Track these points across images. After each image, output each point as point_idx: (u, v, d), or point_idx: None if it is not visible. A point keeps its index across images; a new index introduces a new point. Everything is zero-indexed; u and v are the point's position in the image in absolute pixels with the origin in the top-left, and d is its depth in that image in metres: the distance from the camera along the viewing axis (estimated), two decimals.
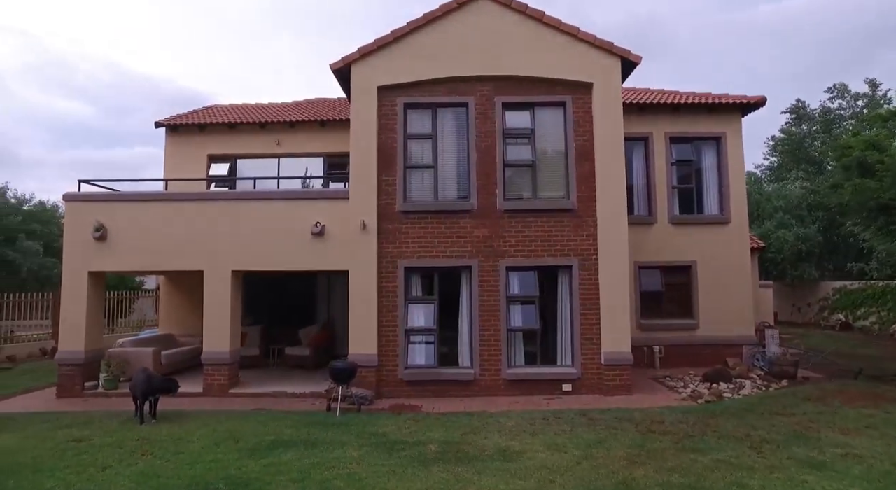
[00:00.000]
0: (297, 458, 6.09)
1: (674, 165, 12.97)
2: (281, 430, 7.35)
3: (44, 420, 8.23)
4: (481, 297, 10.04)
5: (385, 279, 10.06)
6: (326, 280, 14.34)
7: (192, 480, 5.41)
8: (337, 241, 10.10)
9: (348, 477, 5.47)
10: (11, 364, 14.28)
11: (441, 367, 10.00)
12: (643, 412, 8.15)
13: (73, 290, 10.30)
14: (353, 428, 7.53)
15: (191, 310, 13.84)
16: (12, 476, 5.70)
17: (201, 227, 10.24)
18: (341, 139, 14.12)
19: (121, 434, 7.29)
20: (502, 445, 6.57)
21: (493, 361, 9.95)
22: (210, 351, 10.09)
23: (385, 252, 10.09)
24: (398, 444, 6.63)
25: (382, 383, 9.84)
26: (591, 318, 9.96)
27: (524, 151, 10.37)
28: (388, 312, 10.01)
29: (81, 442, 6.93)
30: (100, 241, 10.30)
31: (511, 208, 10.15)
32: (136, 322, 18.87)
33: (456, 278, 10.28)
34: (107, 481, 5.44)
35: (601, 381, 9.81)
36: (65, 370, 10.20)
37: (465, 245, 10.12)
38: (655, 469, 5.52)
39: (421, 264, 10.11)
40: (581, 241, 10.10)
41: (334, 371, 8.71)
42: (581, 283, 10.02)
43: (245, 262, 10.22)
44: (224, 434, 7.19)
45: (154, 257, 10.32)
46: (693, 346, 12.44)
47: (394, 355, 9.95)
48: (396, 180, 10.22)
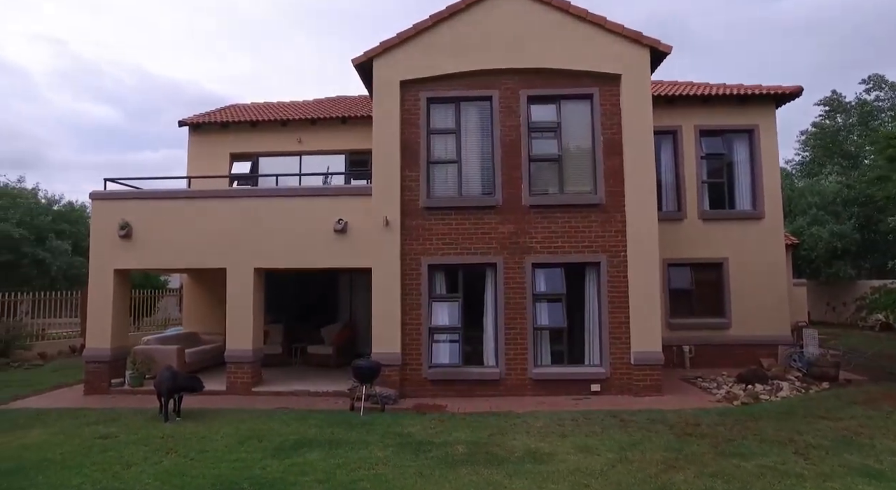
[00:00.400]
0: (322, 459, 5.96)
1: (704, 159, 12.57)
2: (305, 430, 7.24)
3: (72, 416, 8.27)
4: (507, 295, 9.82)
5: (408, 277, 9.90)
6: (348, 278, 14.25)
7: (217, 480, 5.31)
8: (360, 238, 9.97)
9: (374, 478, 5.32)
10: (43, 361, 14.50)
11: (466, 366, 9.81)
12: (677, 414, 7.85)
13: (99, 287, 10.36)
14: (378, 428, 7.38)
15: (214, 308, 13.87)
16: (41, 472, 5.68)
17: (224, 225, 10.21)
18: (363, 136, 14.05)
19: (146, 431, 7.26)
20: (531, 447, 6.35)
21: (519, 361, 9.72)
22: (233, 349, 10.06)
23: (408, 249, 9.93)
24: (424, 445, 6.46)
25: (406, 382, 9.69)
26: (620, 316, 9.67)
27: (550, 145, 10.12)
28: (411, 310, 9.85)
29: (107, 439, 6.91)
30: (125, 239, 10.34)
31: (537, 204, 9.91)
32: (161, 321, 19.07)
33: (480, 275, 10.08)
34: (132, 479, 5.38)
35: (631, 382, 9.52)
36: (92, 367, 10.27)
37: (489, 241, 9.91)
38: (696, 474, 5.25)
39: (445, 261, 9.93)
40: (609, 236, 9.81)
41: (358, 370, 8.58)
42: (609, 280, 9.73)
43: (267, 259, 10.16)
44: (248, 433, 7.11)
45: (177, 255, 10.33)
46: (725, 345, 12.04)
47: (417, 354, 9.79)
48: (420, 176, 10.06)
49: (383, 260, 9.82)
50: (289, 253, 10.09)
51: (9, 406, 9.27)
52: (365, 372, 8.56)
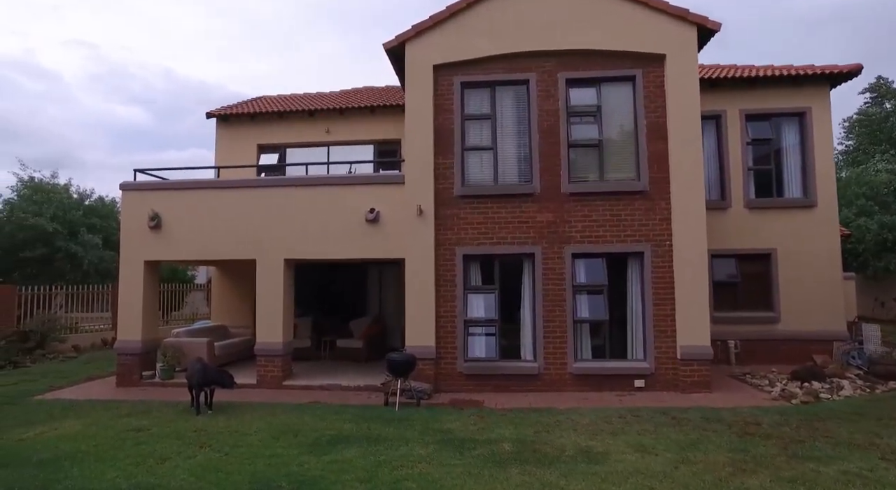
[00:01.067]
0: (361, 456, 5.65)
1: (750, 145, 11.94)
2: (340, 425, 6.96)
3: (105, 407, 8.15)
4: (545, 286, 9.41)
5: (443, 267, 9.56)
6: (377, 271, 13.98)
7: (253, 477, 5.05)
8: (392, 227, 9.66)
9: (420, 478, 4.99)
10: (76, 353, 14.62)
11: (502, 360, 9.44)
12: (732, 412, 7.37)
13: (129, 279, 10.26)
14: (416, 423, 7.06)
15: (243, 301, 13.77)
16: (76, 463, 5.51)
17: (253, 215, 10.00)
18: (391, 126, 13.80)
19: (178, 424, 7.06)
20: (582, 445, 5.96)
21: (558, 355, 9.31)
22: (263, 342, 9.85)
23: (442, 239, 9.59)
24: (468, 442, 6.11)
25: (440, 377, 9.36)
26: (665, 308, 9.19)
27: (590, 130, 9.65)
28: (446, 302, 9.51)
29: (140, 431, 6.73)
30: (155, 231, 10.21)
31: (576, 191, 9.47)
32: (189, 315, 19.12)
33: (518, 266, 9.69)
34: (167, 474, 5.15)
35: (677, 378, 9.03)
36: (123, 359, 10.18)
37: (527, 231, 9.51)
38: (771, 478, 4.79)
39: (480, 251, 9.56)
40: (653, 225, 9.32)
41: (393, 363, 8.27)
42: (654, 270, 9.25)
43: (297, 250, 9.91)
44: (282, 427, 6.85)
45: (207, 246, 10.16)
46: (772, 340, 11.44)
47: (452, 348, 9.45)
48: (454, 163, 9.69)
49: (417, 250, 9.49)
50: (319, 244, 9.83)
51: (45, 396, 9.22)
52: (400, 365, 8.25)
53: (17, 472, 5.30)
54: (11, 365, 12.73)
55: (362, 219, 9.68)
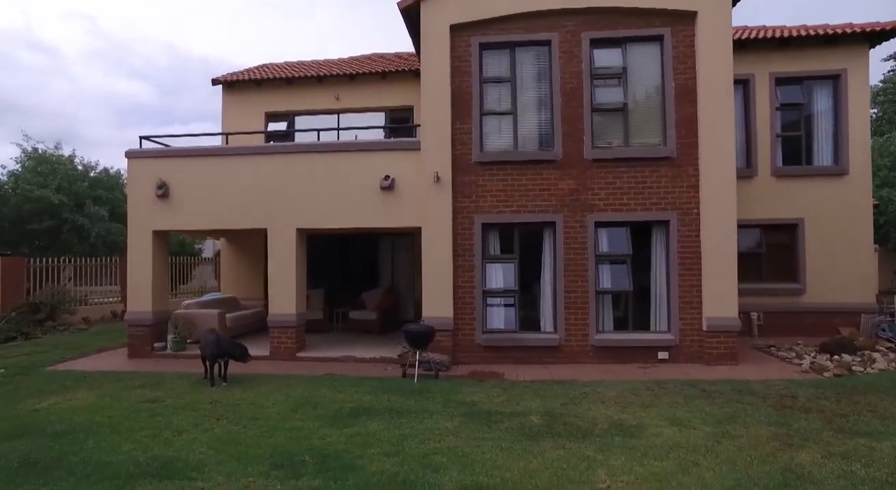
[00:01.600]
0: (385, 429, 5.43)
1: (779, 110, 11.43)
2: (359, 397, 6.75)
3: (117, 379, 7.98)
4: (566, 256, 9.10)
5: (460, 236, 9.24)
6: (389, 241, 13.69)
7: (274, 450, 4.83)
8: (408, 195, 9.32)
9: (449, 451, 4.76)
10: (87, 325, 14.53)
11: (522, 331, 9.19)
12: (764, 385, 7.11)
13: (138, 249, 10.01)
14: (437, 396, 6.85)
15: (252, 273, 13.55)
16: (91, 435, 5.33)
17: (264, 183, 9.67)
18: (404, 92, 13.33)
19: (192, 396, 6.87)
20: (614, 418, 5.72)
21: (579, 326, 9.05)
22: (276, 314, 9.63)
23: (460, 207, 9.25)
24: (494, 415, 5.88)
25: (458, 348, 9.14)
26: (691, 279, 8.88)
27: (615, 93, 9.20)
28: (463, 272, 9.23)
29: (155, 403, 6.54)
30: (162, 200, 9.91)
31: (600, 157, 9.07)
32: (197, 288, 18.99)
33: (538, 235, 9.36)
34: (184, 447, 4.95)
35: (702, 350, 8.78)
36: (134, 331, 10.01)
37: (548, 198, 9.15)
38: (822, 454, 4.53)
39: (499, 220, 9.23)
40: (680, 192, 8.95)
41: (411, 335, 8.04)
42: (680, 240, 8.91)
43: (310, 219, 9.60)
44: (299, 399, 6.65)
45: (216, 215, 9.86)
46: (797, 313, 11.14)
47: (470, 319, 9.20)
48: (472, 128, 9.29)
49: (433, 219, 9.17)
50: (332, 212, 9.51)
51: (57, 367, 9.09)
52: (418, 337, 8.02)
53: (32, 443, 5.12)
54: (23, 336, 12.65)
55: (377, 186, 9.34)
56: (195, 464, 4.52)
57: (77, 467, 4.48)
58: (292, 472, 4.32)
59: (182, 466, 4.45)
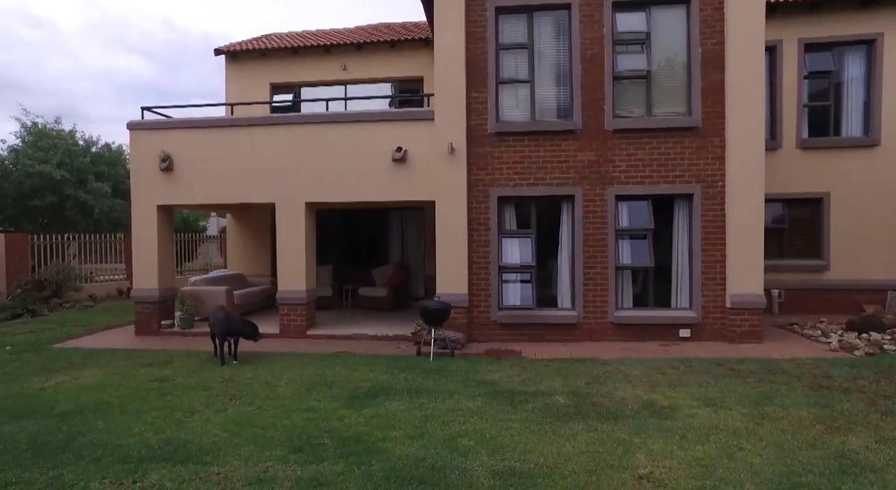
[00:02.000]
0: (405, 409, 5.20)
1: (807, 79, 10.94)
2: (375, 376, 6.52)
3: (125, 357, 7.78)
4: (586, 230, 8.78)
5: (475, 211, 8.92)
6: (399, 216, 13.37)
7: (291, 432, 4.61)
8: (421, 168, 8.98)
9: (475, 434, 4.52)
10: (93, 302, 14.38)
11: (539, 308, 8.93)
12: (794, 364, 6.85)
13: (143, 225, 9.73)
14: (455, 374, 6.62)
15: (259, 249, 13.30)
16: (100, 415, 5.12)
17: (271, 156, 9.33)
18: (413, 62, 12.87)
19: (203, 375, 6.66)
20: (644, 398, 5.48)
21: (598, 303, 8.78)
22: (286, 291, 9.38)
23: (475, 180, 8.91)
24: (517, 395, 5.65)
25: (473, 326, 8.90)
26: (715, 254, 8.56)
27: (638, 60, 8.75)
28: (479, 248, 8.94)
29: (164, 382, 6.33)
30: (167, 173, 9.60)
31: (621, 127, 8.68)
32: (202, 266, 18.79)
33: (556, 209, 9.03)
34: (198, 428, 4.73)
35: (725, 327, 8.51)
36: (141, 308, 9.79)
37: (567, 171, 8.79)
38: (875, 439, 4.26)
39: (516, 193, 8.88)
40: (705, 164, 8.57)
41: (427, 312, 7.78)
42: (704, 213, 8.57)
43: (319, 193, 9.28)
44: (313, 378, 6.43)
45: (223, 189, 9.54)
46: (820, 290, 10.84)
47: (486, 295, 8.94)
48: (487, 98, 8.88)
49: (448, 192, 8.84)
50: (343, 186, 9.18)
51: (64, 345, 8.91)
52: (434, 314, 7.76)
53: (40, 424, 4.92)
54: (29, 313, 12.49)
55: (389, 159, 8.99)
56: (209, 447, 4.29)
57: (86, 450, 4.27)
58: (312, 455, 4.09)
59: (196, 449, 4.22)
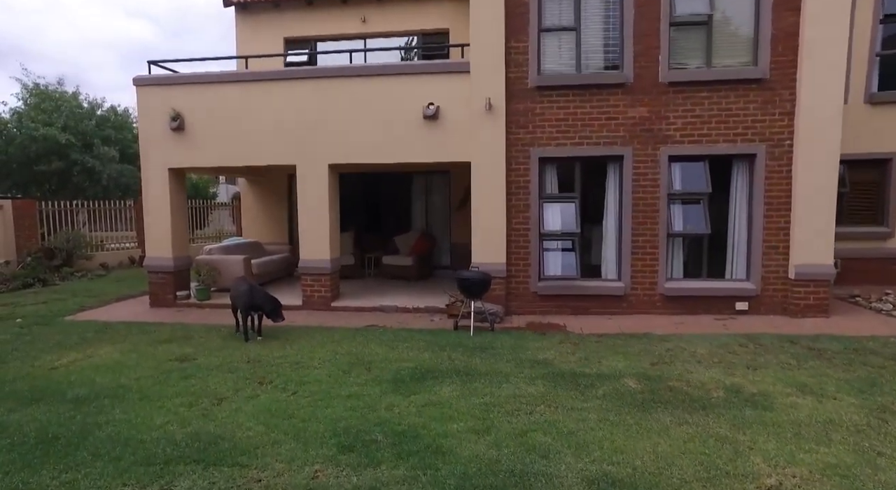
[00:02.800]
0: (460, 396, 4.60)
1: (882, 23, 9.87)
2: (416, 355, 5.93)
3: (141, 331, 7.24)
4: (635, 194, 8.02)
5: (515, 173, 8.17)
6: (423, 180, 12.61)
7: (336, 425, 4.02)
8: (455, 125, 8.19)
9: (549, 427, 3.91)
10: (105, 271, 13.93)
11: (583, 279, 8.27)
12: (880, 343, 6.18)
13: (154, 190, 9.07)
14: (502, 352, 6.01)
15: (275, 216, 12.67)
16: (118, 402, 4.56)
17: (291, 113, 8.57)
18: (437, 14, 11.88)
19: (226, 353, 6.09)
20: (726, 383, 4.84)
21: (647, 273, 8.10)
22: (309, 260, 8.75)
23: (515, 139, 8.12)
24: (580, 378, 5.03)
25: (511, 298, 8.27)
26: (778, 220, 7.80)
27: (698, 3, 7.79)
28: (518, 213, 8.22)
29: (185, 362, 5.77)
30: (177, 133, 8.87)
31: (677, 80, 7.81)
32: (214, 234, 18.20)
33: (602, 171, 8.26)
34: (228, 420, 4.15)
35: (787, 300, 7.82)
36: (155, 278, 9.22)
37: (615, 128, 7.98)
38: None
39: (559, 153, 8.10)
40: (771, 121, 7.72)
41: (466, 283, 7.13)
42: (768, 175, 7.77)
43: (344, 153, 8.54)
44: (348, 357, 5.84)
45: (238, 151, 8.81)
46: (882, 259, 10.06)
47: (525, 265, 8.27)
48: (528, 47, 8.01)
49: (484, 152, 8.07)
50: (369, 146, 8.43)
51: (76, 317, 8.39)
52: (474, 285, 7.11)
53: (51, 410, 4.39)
54: (40, 283, 12.02)
55: (420, 116, 8.20)
56: (245, 444, 3.71)
57: (104, 446, 3.71)
58: (366, 456, 3.50)
59: (229, 448, 3.64)
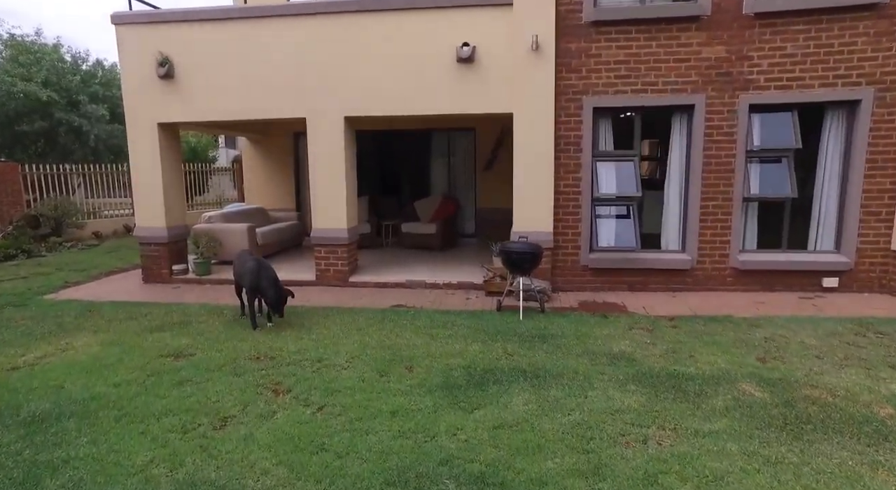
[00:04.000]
0: (539, 411, 3.49)
1: None
2: (463, 347, 4.82)
3: (129, 315, 6.13)
4: (707, 151, 6.78)
5: (565, 125, 6.91)
6: (445, 138, 11.30)
7: (385, 465, 2.86)
8: (493, 69, 6.87)
9: (684, 468, 2.75)
10: (97, 240, 12.81)
11: (643, 250, 7.11)
12: None
13: (141, 148, 7.83)
14: (567, 342, 4.91)
15: (280, 179, 11.44)
16: (88, 425, 3.40)
17: (300, 56, 7.26)
18: None
19: (230, 345, 4.99)
20: (883, 392, 3.72)
21: (717, 244, 6.93)
22: (322, 229, 7.58)
23: (566, 85, 6.83)
24: (681, 381, 3.92)
25: (557, 271, 7.15)
26: (883, 181, 6.58)
27: None
28: (567, 174, 7.00)
29: (180, 358, 4.67)
30: (167, 82, 7.58)
31: (765, 10, 6.44)
32: (214, 200, 17.05)
33: (666, 124, 6.99)
34: (236, 455, 3.01)
35: (887, 275, 6.67)
36: (148, 251, 8.08)
37: (686, 72, 6.67)
38: None
39: (617, 103, 6.81)
40: (885, 58, 6.39)
41: (514, 256, 5.97)
42: (873, 127, 6.50)
43: (362, 104, 7.25)
44: (382, 351, 4.74)
45: (238, 102, 7.53)
46: None
47: (575, 234, 7.10)
48: None
49: (529, 102, 6.79)
50: (392, 94, 7.14)
51: (57, 295, 7.30)
52: (524, 259, 5.95)
53: None
54: (24, 254, 10.90)
55: (452, 58, 6.88)
56: None
57: None
58: None
59: None
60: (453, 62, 6.89)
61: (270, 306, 5.45)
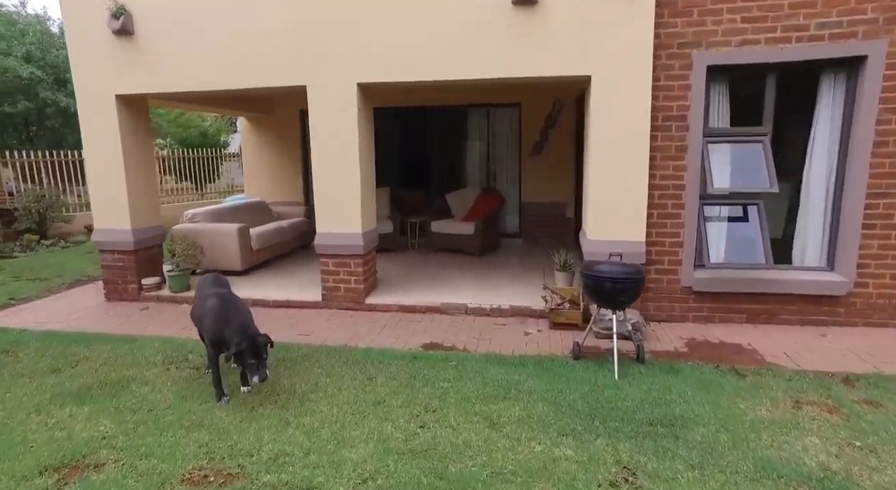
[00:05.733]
0: None
1: None
2: (546, 451, 2.91)
3: (54, 362, 4.36)
4: (879, 126, 4.70)
5: (665, 94, 4.88)
6: (482, 116, 9.30)
7: None
8: (561, 16, 4.84)
9: None
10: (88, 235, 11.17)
11: (772, 267, 5.08)
12: None
13: (95, 127, 6.04)
14: (704, 434, 3.02)
15: (286, 167, 9.65)
16: None
17: (298, 7, 5.33)
18: None
19: (171, 441, 3.17)
20: None
21: (889, 260, 4.88)
22: (329, 234, 5.71)
23: (667, 35, 4.79)
24: None
25: (647, 294, 5.17)
26: None
27: None
28: (665, 161, 4.99)
29: (74, 475, 2.84)
30: (124, 40, 5.75)
31: None
32: (225, 187, 15.42)
33: (812, 87, 4.91)
34: None
35: None
36: (109, 260, 6.34)
37: (857, 7, 4.56)
38: None
39: (742, 59, 4.74)
40: None
41: (608, 284, 3.97)
42: None
43: (381, 68, 5.29)
44: (413, 461, 2.86)
45: (220, 68, 5.63)
46: None
47: (674, 244, 5.11)
48: None
49: (615, 59, 4.77)
50: (421, 55, 5.16)
51: None
52: (622, 289, 3.94)
53: None
54: None
55: (506, 2, 4.87)
56: None
57: None
58: None
59: None
60: (507, 5, 4.88)
61: (241, 363, 3.58)
